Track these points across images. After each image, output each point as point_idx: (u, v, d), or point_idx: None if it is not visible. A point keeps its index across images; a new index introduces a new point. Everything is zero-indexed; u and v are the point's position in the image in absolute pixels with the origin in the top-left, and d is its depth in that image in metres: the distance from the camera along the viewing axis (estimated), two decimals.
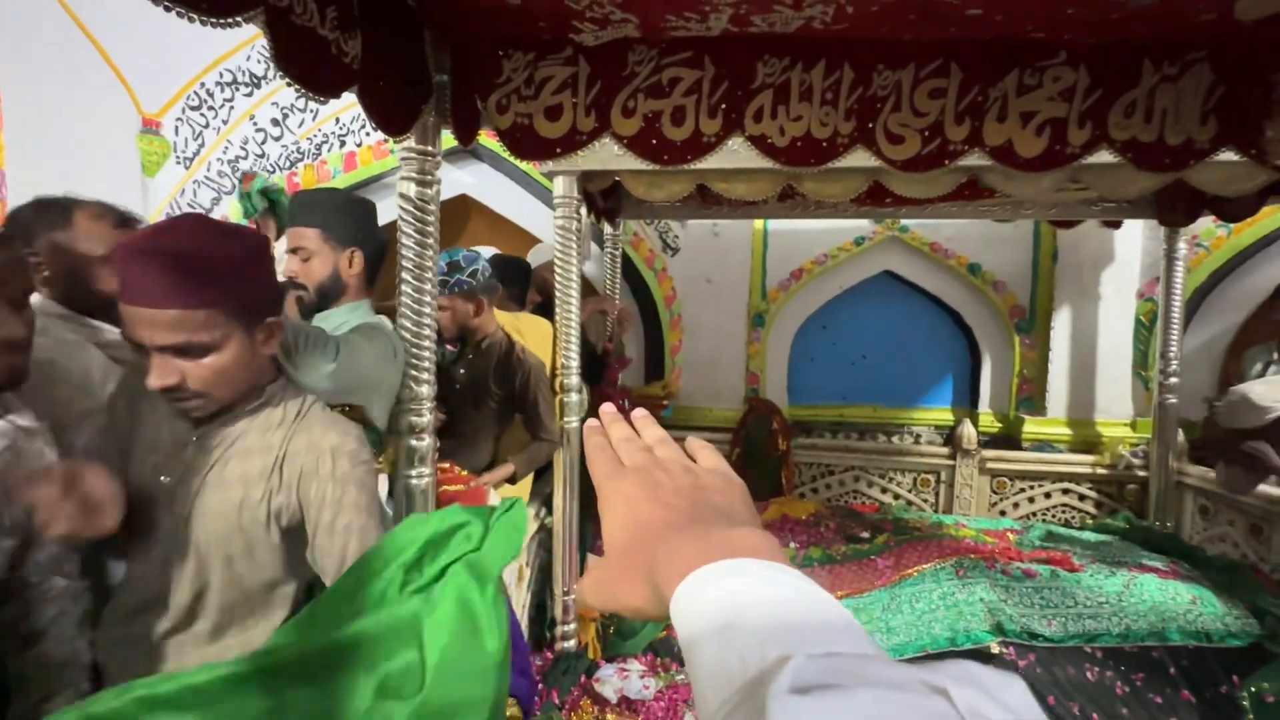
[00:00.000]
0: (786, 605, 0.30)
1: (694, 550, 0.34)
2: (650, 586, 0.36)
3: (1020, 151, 1.48)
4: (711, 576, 0.32)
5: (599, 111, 1.51)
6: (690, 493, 0.40)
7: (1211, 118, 1.44)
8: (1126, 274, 3.26)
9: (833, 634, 0.29)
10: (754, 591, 0.31)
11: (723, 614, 0.30)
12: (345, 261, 1.47)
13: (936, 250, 3.50)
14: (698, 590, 0.32)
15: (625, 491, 0.42)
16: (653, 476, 0.42)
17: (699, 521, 0.38)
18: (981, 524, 2.92)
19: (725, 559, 0.33)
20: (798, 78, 1.47)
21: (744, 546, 0.34)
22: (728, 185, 2.07)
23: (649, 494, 0.41)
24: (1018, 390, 3.48)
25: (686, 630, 0.31)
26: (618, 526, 0.41)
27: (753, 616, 0.30)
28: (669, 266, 3.70)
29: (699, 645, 0.30)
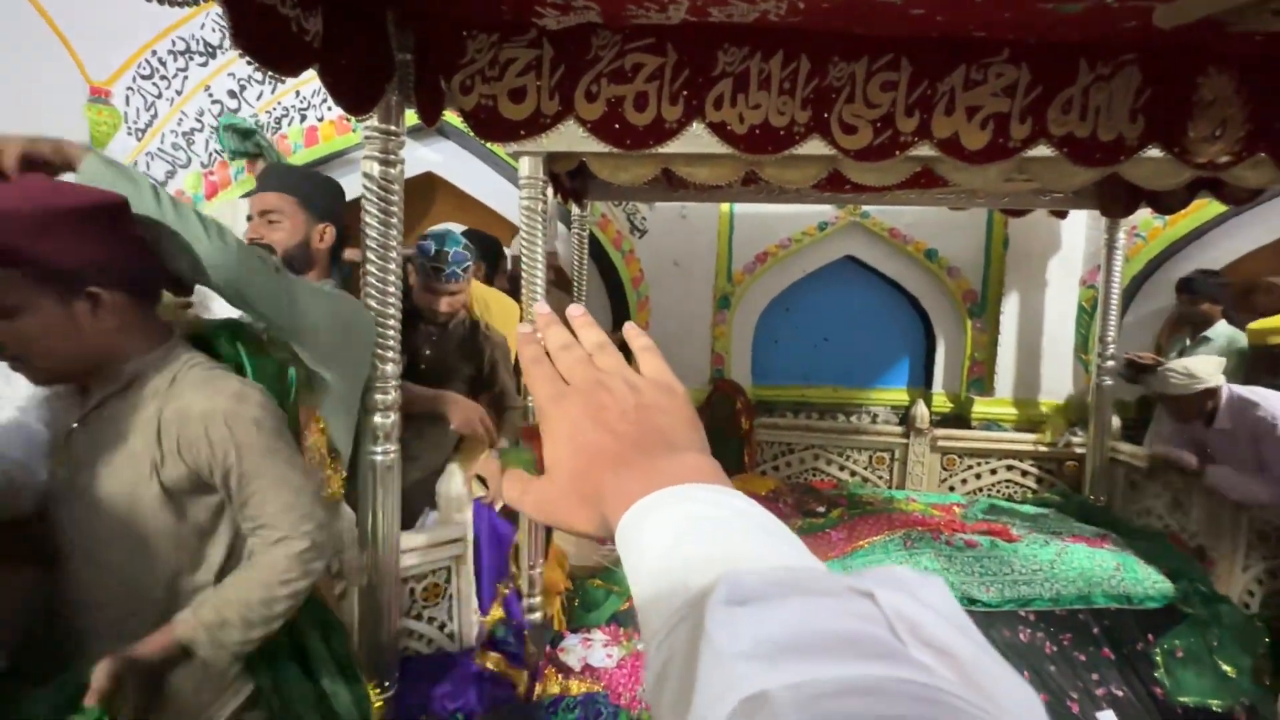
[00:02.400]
0: (726, 526, 0.31)
1: (638, 481, 0.35)
2: (596, 512, 0.38)
3: (966, 144, 1.55)
4: (655, 504, 0.33)
5: (563, 95, 1.53)
6: (635, 414, 0.40)
7: (1140, 116, 1.54)
8: (1071, 262, 3.42)
9: (770, 550, 0.30)
10: (696, 514, 0.32)
11: (666, 539, 0.31)
12: (318, 235, 1.48)
13: (896, 236, 3.61)
14: (642, 519, 0.33)
15: (570, 415, 0.41)
16: (596, 398, 0.41)
17: (642, 450, 0.38)
18: (930, 498, 3.08)
19: (668, 486, 0.34)
20: (756, 67, 1.51)
21: (686, 472, 0.35)
22: (691, 169, 2.11)
23: (594, 418, 0.40)
24: (969, 372, 3.64)
25: (631, 558, 0.33)
26: (564, 451, 0.41)
27: (694, 539, 0.31)
28: (636, 248, 3.73)
29: (643, 572, 0.31)
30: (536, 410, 0.44)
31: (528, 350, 0.46)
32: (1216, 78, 1.51)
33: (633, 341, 0.49)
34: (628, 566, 0.33)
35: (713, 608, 0.25)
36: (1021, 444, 3.45)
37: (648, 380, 0.43)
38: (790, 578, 0.26)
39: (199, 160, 3.14)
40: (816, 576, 0.26)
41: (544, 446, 0.42)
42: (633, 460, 0.37)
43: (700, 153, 1.98)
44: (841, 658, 0.22)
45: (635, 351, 0.47)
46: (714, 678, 0.23)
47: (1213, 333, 2.91)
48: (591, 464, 0.39)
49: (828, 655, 0.22)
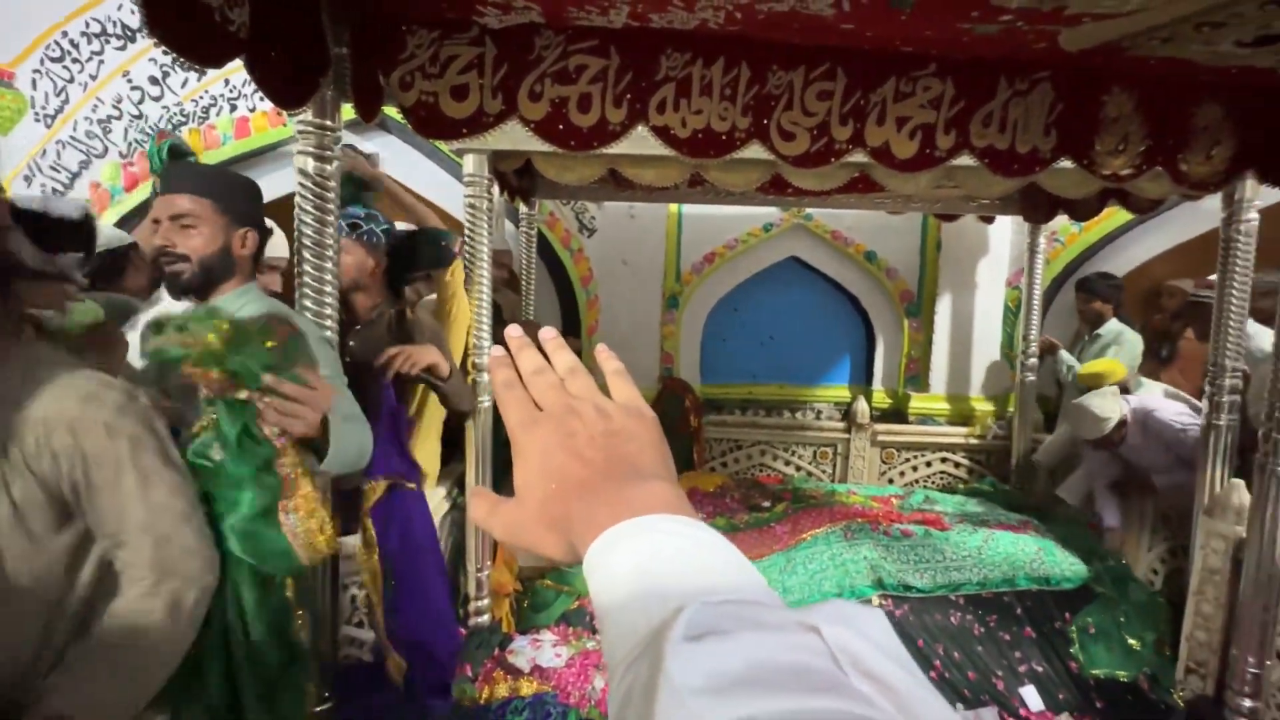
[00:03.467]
0: (688, 558, 0.32)
1: (606, 510, 0.36)
2: (563, 539, 0.39)
3: (896, 153, 1.63)
4: (621, 536, 0.34)
5: (506, 94, 1.52)
6: (604, 441, 0.41)
7: (1053, 130, 1.64)
8: (998, 264, 3.62)
9: (728, 582, 0.31)
10: (660, 546, 0.33)
11: (630, 571, 0.32)
12: (239, 241, 1.38)
13: (837, 238, 3.73)
14: (609, 550, 0.34)
15: (541, 440, 0.42)
16: (567, 424, 0.42)
17: (611, 477, 0.39)
18: (870, 491, 3.20)
19: (635, 517, 0.35)
20: (698, 73, 1.54)
21: (653, 502, 0.36)
22: (637, 171, 2.13)
23: (564, 445, 0.41)
24: (906, 369, 3.80)
25: (597, 590, 0.34)
26: (534, 477, 0.41)
27: (657, 572, 0.32)
28: (585, 247, 3.73)
29: (609, 605, 0.32)
30: (509, 435, 0.44)
31: (500, 374, 0.46)
32: (1119, 96, 1.63)
33: (604, 365, 0.50)
34: (593, 594, 0.34)
35: (671, 643, 0.26)
36: (954, 437, 3.63)
37: (618, 406, 0.44)
38: (744, 612, 0.28)
39: (117, 150, 2.95)
40: (769, 610, 0.28)
41: (515, 470, 0.43)
42: (601, 489, 0.38)
43: (646, 154, 2.01)
44: (789, 690, 0.23)
45: (606, 375, 0.48)
46: (670, 711, 0.24)
47: (1104, 329, 3.15)
48: (560, 490, 0.39)
49: (776, 688, 0.23)
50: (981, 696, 2.12)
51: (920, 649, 2.22)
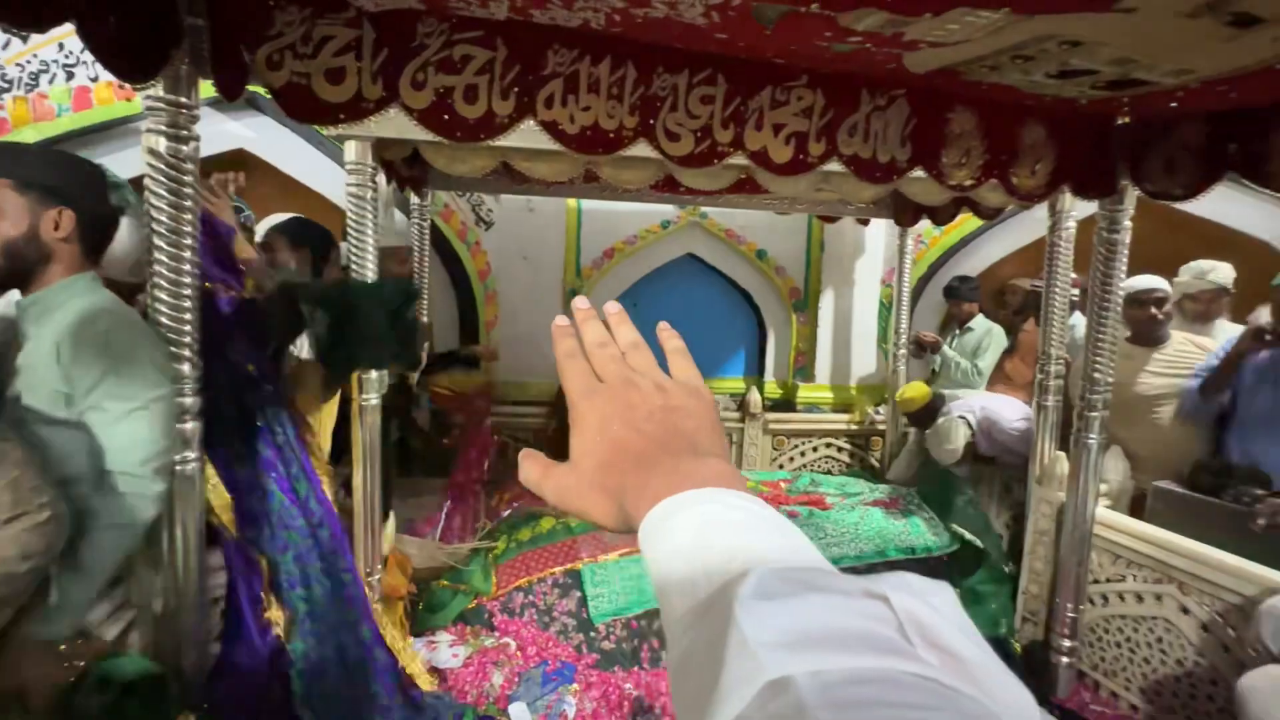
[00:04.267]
0: (747, 528, 0.33)
1: (663, 481, 0.37)
2: (617, 507, 0.40)
3: (774, 157, 1.74)
4: (679, 505, 0.35)
5: (387, 80, 1.47)
6: (661, 416, 0.42)
7: (908, 143, 1.82)
8: (873, 264, 3.93)
9: (787, 552, 0.33)
10: (719, 516, 0.34)
11: (690, 536, 0.33)
12: (49, 222, 1.21)
13: (731, 236, 3.89)
14: (666, 517, 0.35)
15: (599, 409, 0.43)
16: (626, 396, 0.43)
17: (668, 451, 0.40)
18: (762, 476, 3.39)
19: (692, 489, 0.36)
20: (586, 70, 1.56)
21: (709, 476, 0.37)
22: (530, 164, 2.12)
23: (622, 417, 0.42)
24: (794, 361, 4.05)
25: (655, 551, 0.35)
26: (590, 444, 0.42)
27: (718, 537, 0.33)
28: (483, 240, 3.66)
29: (667, 563, 0.33)
30: (569, 403, 0.45)
31: (563, 344, 0.47)
32: (962, 114, 1.83)
33: (665, 343, 0.50)
34: (649, 559, 0.35)
35: (741, 600, 0.27)
36: (837, 423, 3.91)
37: (676, 383, 0.45)
38: (811, 578, 0.28)
39: None
40: (835, 577, 0.29)
41: (572, 437, 0.44)
42: (658, 460, 0.39)
43: (537, 148, 2.01)
44: (857, 651, 0.24)
45: (667, 353, 0.49)
46: (740, 663, 0.25)
47: (975, 324, 3.52)
48: (617, 458, 0.41)
49: (845, 648, 0.24)
50: None
51: None
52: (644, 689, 2.10)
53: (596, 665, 2.19)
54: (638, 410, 0.42)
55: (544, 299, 3.79)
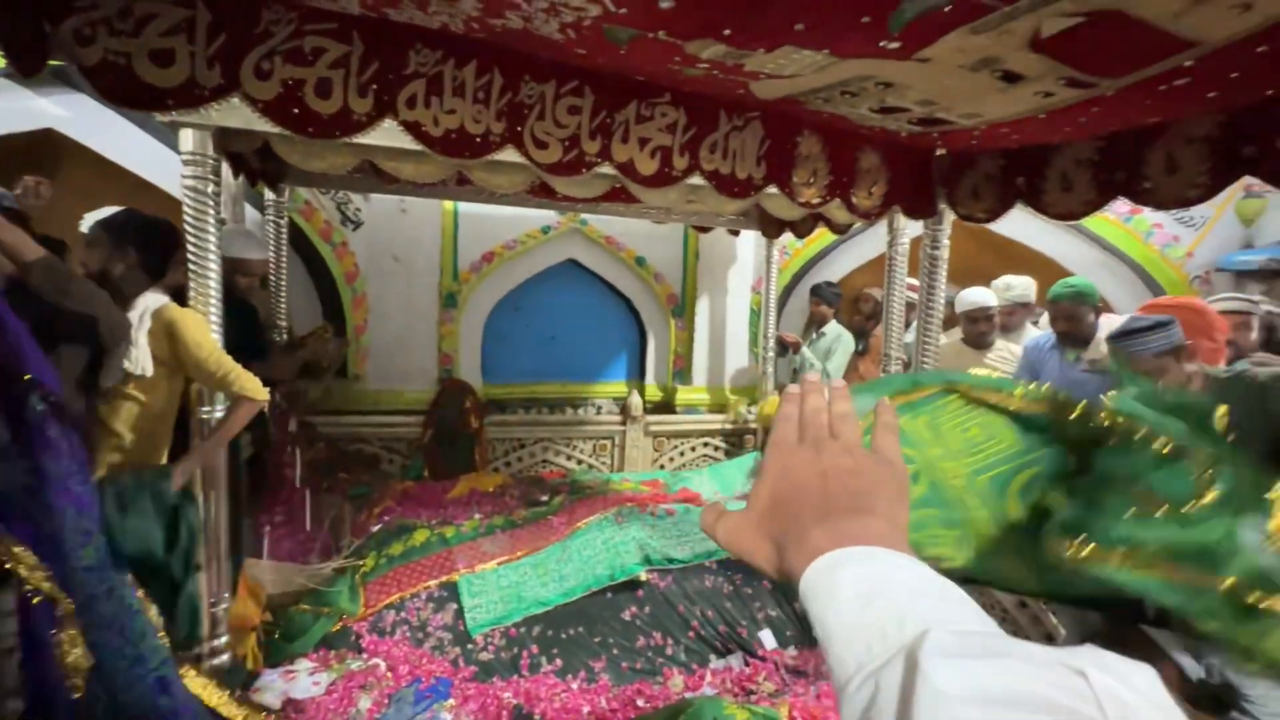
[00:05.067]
0: (916, 590, 0.34)
1: (824, 535, 0.39)
2: (776, 552, 0.42)
3: (640, 169, 1.81)
4: (842, 560, 0.36)
5: (226, 66, 1.36)
6: (836, 475, 0.44)
7: (763, 162, 1.97)
8: (744, 272, 4.18)
9: (960, 615, 0.33)
10: (886, 576, 0.35)
11: (857, 592, 0.34)
12: None
13: (611, 243, 3.97)
14: (831, 570, 0.36)
15: (784, 462, 0.46)
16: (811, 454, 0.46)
17: (832, 507, 0.41)
18: (641, 477, 3.48)
19: (856, 545, 0.37)
20: (450, 73, 1.55)
21: (869, 537, 0.38)
22: (395, 164, 2.05)
23: (800, 469, 0.45)
24: (673, 364, 4.20)
25: (820, 603, 0.35)
26: (765, 490, 0.45)
27: (887, 596, 0.33)
28: (350, 241, 3.45)
29: (834, 617, 0.34)
30: (765, 454, 0.49)
31: (785, 408, 0.51)
32: (809, 139, 2.02)
33: (879, 417, 0.51)
34: (815, 612, 0.36)
35: (930, 656, 0.27)
36: (713, 424, 4.11)
37: (868, 454, 0.47)
38: (997, 643, 0.28)
39: None
40: (1020, 644, 0.28)
41: (754, 484, 0.47)
42: (821, 514, 0.41)
43: (402, 148, 1.94)
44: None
45: (876, 426, 0.50)
46: (932, 712, 0.25)
47: (827, 329, 3.86)
48: (782, 506, 0.43)
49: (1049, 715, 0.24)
50: (729, 645, 2.45)
51: (681, 614, 2.49)
52: (523, 697, 2.09)
53: (475, 678, 2.14)
54: (814, 467, 0.44)
55: (418, 303, 3.64)
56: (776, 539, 0.42)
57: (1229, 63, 1.14)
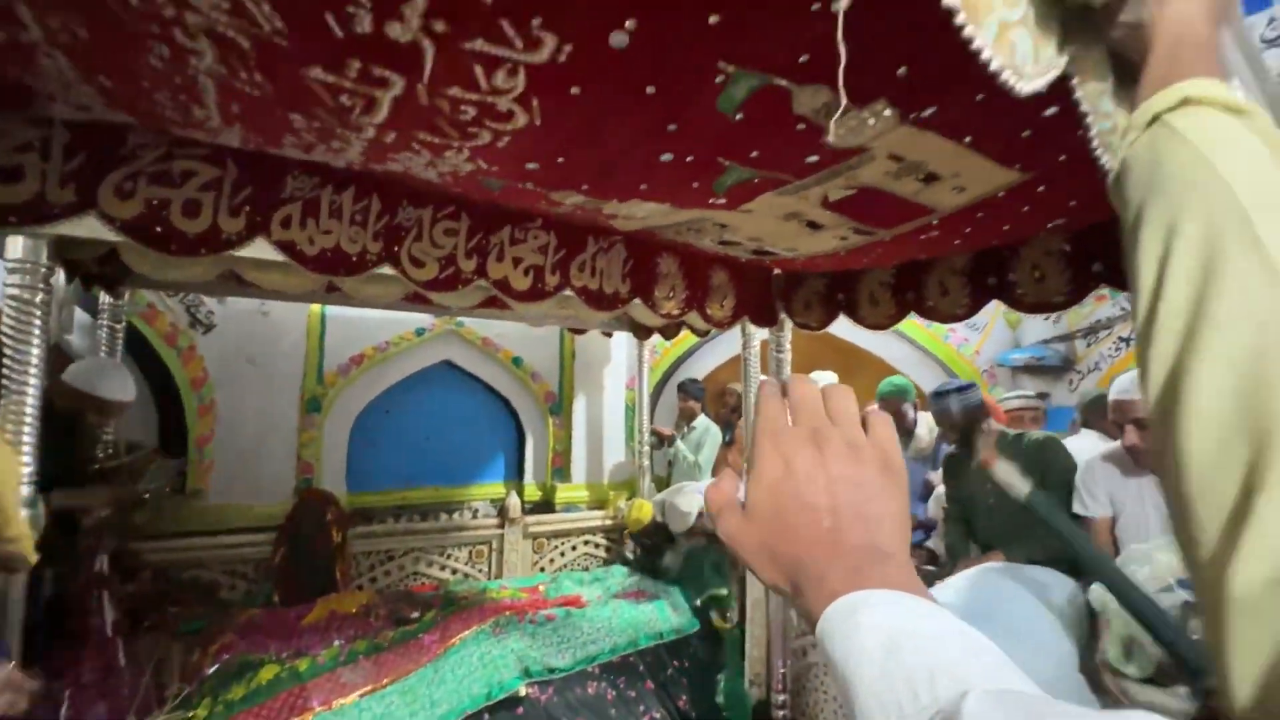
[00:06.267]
0: (944, 641, 0.32)
1: (839, 576, 0.36)
2: (784, 576, 0.39)
3: (514, 285, 1.95)
4: (862, 604, 0.34)
5: (81, 185, 1.34)
6: (845, 491, 0.40)
7: (628, 279, 2.20)
8: (618, 371, 4.40)
9: (990, 669, 0.31)
10: (912, 627, 0.33)
11: (880, 642, 0.32)
12: None
13: (488, 344, 4.03)
14: (850, 614, 0.34)
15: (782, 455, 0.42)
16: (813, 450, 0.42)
17: (845, 543, 0.39)
18: (520, 582, 3.38)
19: (876, 589, 0.35)
20: (328, 197, 1.62)
21: (890, 579, 0.36)
22: (261, 275, 2.03)
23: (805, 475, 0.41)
24: (552, 462, 4.22)
25: (840, 650, 0.34)
26: (763, 498, 0.41)
27: (914, 650, 0.31)
28: (199, 344, 3.22)
29: (858, 668, 0.32)
30: (754, 436, 0.44)
31: (766, 386, 0.47)
32: (667, 259, 2.29)
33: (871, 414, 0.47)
34: (835, 656, 0.34)
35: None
36: (593, 520, 4.12)
37: (871, 448, 0.43)
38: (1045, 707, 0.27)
39: None
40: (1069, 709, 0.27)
41: (749, 475, 0.42)
42: (837, 548, 0.38)
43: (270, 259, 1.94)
44: None
45: (868, 416, 0.45)
46: None
47: (697, 423, 4.12)
48: (790, 534, 0.40)
49: None
50: None
51: None
52: None
53: None
54: (820, 474, 0.41)
55: (278, 409, 3.42)
56: (785, 565, 0.40)
57: (961, 220, 1.52)
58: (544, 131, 0.99)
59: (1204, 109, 0.41)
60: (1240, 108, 0.41)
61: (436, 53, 0.78)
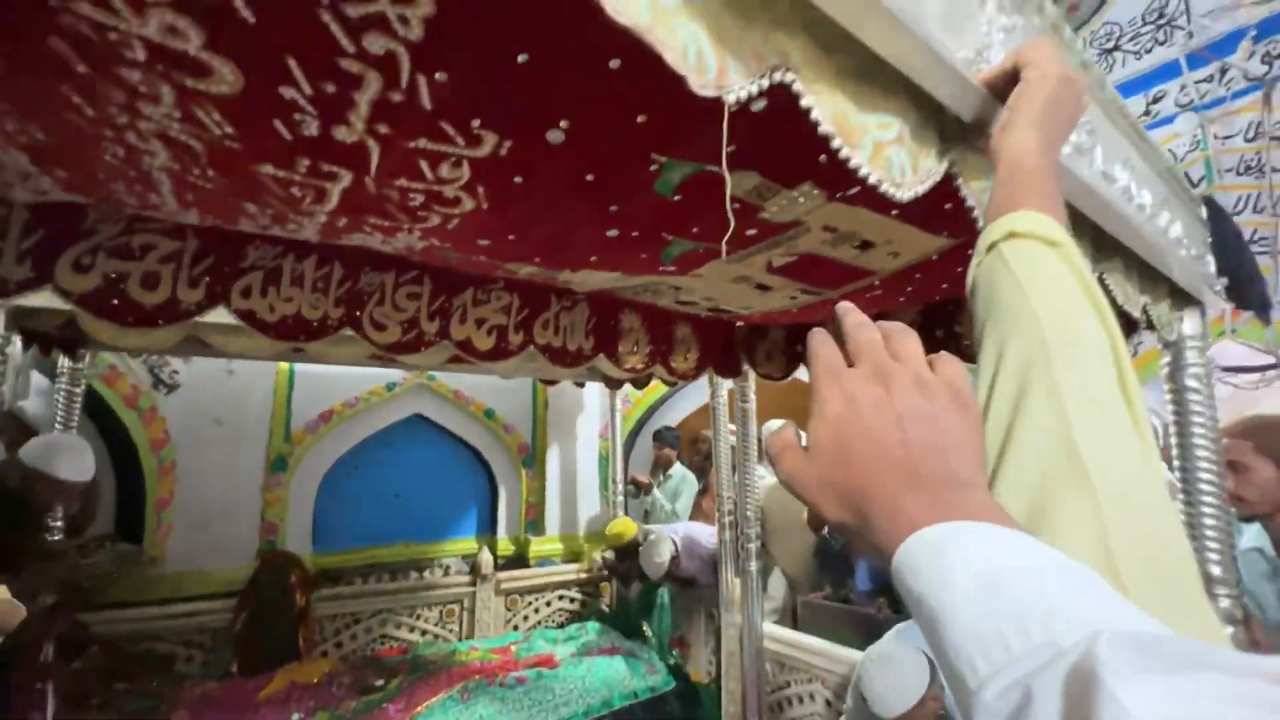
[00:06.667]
0: (1049, 575, 0.29)
1: (918, 507, 0.34)
2: (851, 510, 0.37)
3: (478, 345, 1.98)
4: (950, 536, 0.32)
5: (38, 260, 1.35)
6: (916, 425, 0.37)
7: (591, 335, 2.24)
8: (591, 420, 4.41)
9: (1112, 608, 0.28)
10: (1011, 561, 0.30)
11: (978, 577, 0.29)
12: None
13: (460, 397, 4.03)
14: (938, 548, 0.32)
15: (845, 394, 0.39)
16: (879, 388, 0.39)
17: (922, 471, 0.36)
18: (491, 643, 3.29)
19: (962, 521, 0.32)
20: (290, 265, 1.65)
21: (974, 510, 0.33)
22: (224, 339, 2.03)
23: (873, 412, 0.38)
24: (525, 515, 4.16)
25: (926, 586, 0.31)
26: (826, 435, 0.39)
27: (1016, 583, 0.29)
28: (161, 405, 3.17)
29: (952, 606, 0.30)
30: (811, 381, 0.41)
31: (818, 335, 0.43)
32: (630, 316, 2.35)
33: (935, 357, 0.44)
34: (920, 592, 0.31)
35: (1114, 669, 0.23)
36: (568, 574, 4.05)
37: (940, 382, 0.40)
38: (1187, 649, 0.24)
39: None
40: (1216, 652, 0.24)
41: (810, 419, 0.40)
42: (911, 479, 0.36)
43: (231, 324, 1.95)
44: None
45: (934, 359, 0.42)
46: None
47: (673, 471, 4.13)
48: (857, 465, 0.37)
49: None
50: None
51: None
52: None
53: None
54: (887, 409, 0.38)
55: (242, 469, 3.35)
56: (851, 499, 0.37)
57: (902, 280, 1.60)
58: (492, 214, 1.05)
59: (1027, 241, 0.47)
60: (1055, 240, 0.47)
61: (382, 151, 0.83)
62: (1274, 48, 2.63)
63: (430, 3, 0.62)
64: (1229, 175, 2.74)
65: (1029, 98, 0.59)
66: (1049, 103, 0.59)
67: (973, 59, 0.61)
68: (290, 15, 0.61)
